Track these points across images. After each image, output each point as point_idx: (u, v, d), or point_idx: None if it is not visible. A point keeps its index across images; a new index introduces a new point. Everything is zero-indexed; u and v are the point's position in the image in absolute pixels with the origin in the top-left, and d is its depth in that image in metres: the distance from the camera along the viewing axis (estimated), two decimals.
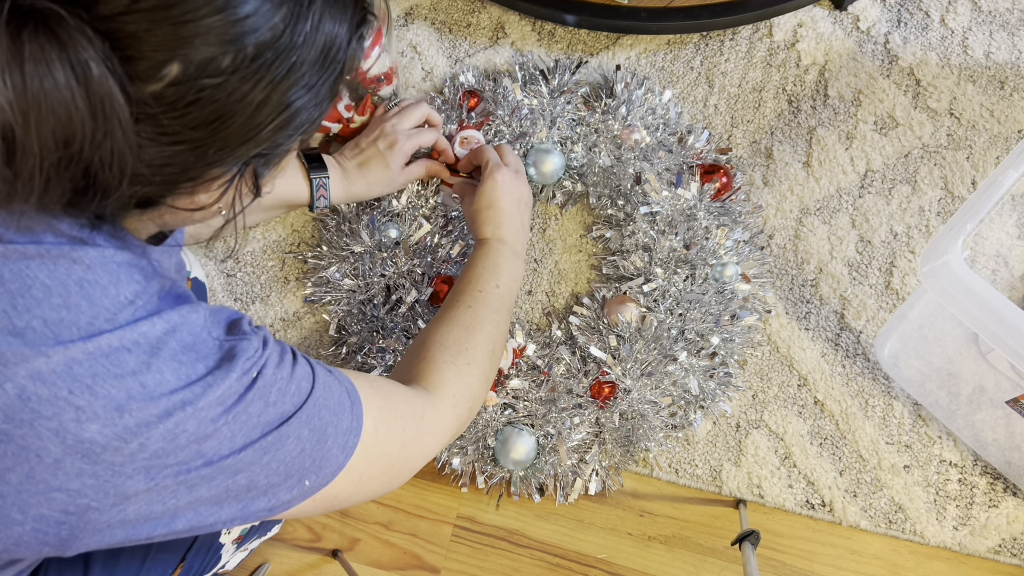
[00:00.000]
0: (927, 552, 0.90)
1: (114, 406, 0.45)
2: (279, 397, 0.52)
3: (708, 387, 0.92)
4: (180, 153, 0.45)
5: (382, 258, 0.96)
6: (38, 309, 0.45)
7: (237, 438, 0.49)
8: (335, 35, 0.49)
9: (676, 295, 0.92)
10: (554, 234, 1.01)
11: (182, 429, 0.47)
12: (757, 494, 0.92)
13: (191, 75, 0.43)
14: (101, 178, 0.43)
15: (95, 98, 0.40)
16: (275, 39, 0.45)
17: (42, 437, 0.44)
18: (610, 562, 0.92)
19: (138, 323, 0.47)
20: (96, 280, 0.47)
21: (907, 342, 0.90)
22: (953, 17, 1.06)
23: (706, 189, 0.96)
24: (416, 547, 0.93)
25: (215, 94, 0.44)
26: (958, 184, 1.00)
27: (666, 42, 1.07)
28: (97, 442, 0.45)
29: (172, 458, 0.47)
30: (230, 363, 0.49)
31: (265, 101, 0.46)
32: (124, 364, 0.46)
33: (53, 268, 0.46)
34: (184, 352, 0.48)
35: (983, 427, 0.88)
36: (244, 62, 0.44)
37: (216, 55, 0.43)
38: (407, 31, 1.09)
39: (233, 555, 0.81)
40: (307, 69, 0.48)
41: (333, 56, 0.49)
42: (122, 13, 0.40)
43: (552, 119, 1.00)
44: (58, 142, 0.41)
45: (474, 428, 0.91)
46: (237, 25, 0.43)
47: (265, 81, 0.46)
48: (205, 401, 0.48)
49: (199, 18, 0.42)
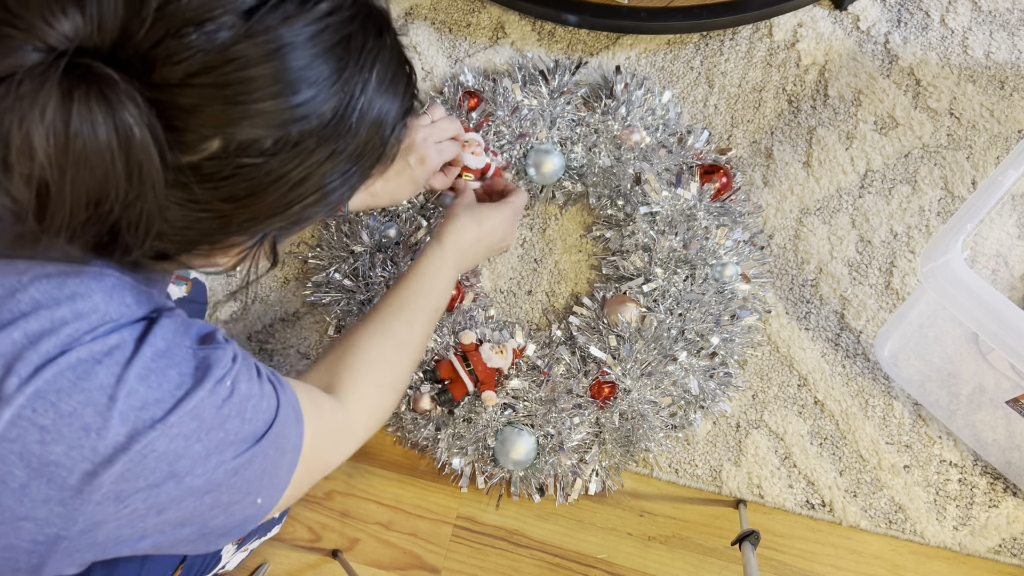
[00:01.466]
0: (927, 552, 0.90)
1: (80, 424, 0.43)
2: (254, 414, 0.51)
3: (708, 387, 0.92)
4: (205, 220, 0.45)
5: (382, 258, 0.96)
6: (23, 322, 0.44)
7: (211, 458, 0.48)
8: (380, 123, 0.49)
9: (676, 295, 0.92)
10: (554, 234, 1.01)
11: (152, 449, 0.45)
12: (757, 494, 0.92)
13: (231, 152, 0.43)
14: (125, 236, 0.43)
15: (134, 162, 0.40)
16: (321, 127, 0.45)
17: (6, 461, 0.43)
18: (610, 562, 0.92)
19: (109, 335, 0.46)
20: (89, 296, 0.46)
21: (907, 342, 0.90)
22: (953, 17, 1.06)
23: (706, 189, 0.96)
24: (416, 547, 0.93)
25: (252, 172, 0.44)
26: (958, 184, 1.00)
27: (666, 42, 1.07)
28: (63, 464, 0.43)
29: (142, 480, 0.45)
30: (204, 373, 0.48)
31: (300, 183, 0.46)
32: (92, 377, 0.44)
33: (46, 283, 0.45)
34: (156, 359, 0.47)
35: (983, 427, 0.88)
36: (286, 146, 0.44)
37: (260, 137, 0.43)
38: (407, 31, 1.09)
39: (233, 555, 0.81)
40: (347, 155, 0.48)
41: (376, 144, 0.49)
42: (178, 85, 0.41)
43: (552, 119, 1.00)
44: (90, 201, 0.41)
45: (474, 428, 0.91)
46: (288, 111, 0.43)
47: (304, 165, 0.46)
48: (176, 416, 0.46)
49: (253, 101, 0.42)
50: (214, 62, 0.41)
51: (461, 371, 0.90)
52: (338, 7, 0.45)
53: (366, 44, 0.47)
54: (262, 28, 0.42)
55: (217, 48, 0.41)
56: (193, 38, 0.40)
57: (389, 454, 0.96)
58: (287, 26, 0.43)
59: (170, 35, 0.40)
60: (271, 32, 0.42)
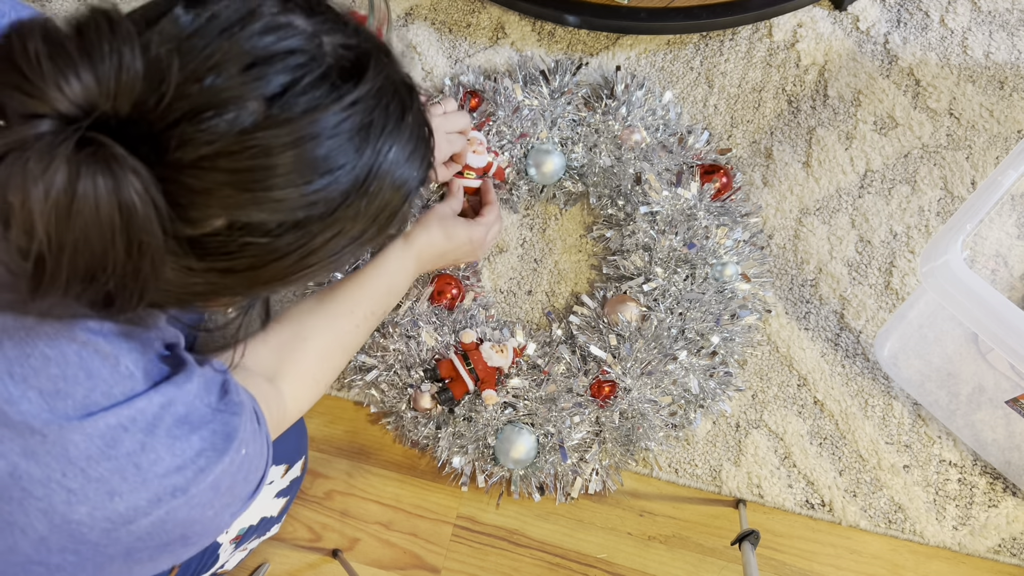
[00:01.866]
0: (927, 552, 0.90)
1: (106, 490, 0.44)
2: (255, 475, 0.52)
3: (708, 386, 0.92)
4: (201, 285, 0.45)
5: None
6: (35, 379, 0.44)
7: (217, 519, 0.50)
8: (391, 199, 0.48)
9: (676, 294, 0.92)
10: (554, 234, 1.01)
11: (172, 516, 0.46)
12: (757, 494, 0.92)
13: (235, 230, 0.42)
14: (118, 299, 0.42)
15: (134, 239, 0.39)
16: (331, 211, 0.44)
17: (29, 514, 0.44)
18: (610, 562, 0.92)
19: (135, 400, 0.46)
20: (96, 350, 0.46)
21: (907, 342, 0.90)
22: (953, 17, 1.06)
23: (706, 189, 0.96)
24: (416, 547, 0.93)
25: (254, 251, 0.43)
26: (958, 184, 1.00)
27: (666, 42, 1.07)
28: (84, 523, 0.44)
29: (157, 540, 0.47)
30: (226, 443, 0.49)
31: (302, 259, 0.46)
32: (120, 445, 0.45)
33: (53, 337, 0.44)
34: (178, 425, 0.47)
35: (983, 427, 0.88)
36: (293, 227, 0.43)
37: (266, 220, 0.42)
38: (407, 31, 1.09)
39: (232, 555, 0.81)
40: (355, 232, 0.47)
41: (385, 217, 0.48)
42: (192, 167, 0.39)
43: (553, 119, 1.00)
44: (87, 275, 0.40)
45: (475, 427, 0.91)
46: (301, 199, 0.42)
47: (309, 244, 0.45)
48: (198, 488, 0.47)
49: (266, 188, 0.41)
50: (231, 148, 0.40)
51: (462, 370, 0.91)
52: (366, 94, 0.44)
53: (387, 127, 0.46)
54: (285, 117, 0.41)
55: (236, 134, 0.40)
56: (212, 123, 0.39)
57: (389, 453, 0.96)
58: (312, 115, 0.42)
59: (188, 117, 0.39)
60: (294, 121, 0.41)
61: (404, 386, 0.93)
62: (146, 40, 0.40)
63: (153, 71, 0.39)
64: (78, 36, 0.38)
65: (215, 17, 0.41)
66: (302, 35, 0.43)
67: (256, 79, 0.40)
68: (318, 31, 0.44)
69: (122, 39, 0.38)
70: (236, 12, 0.42)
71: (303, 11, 0.44)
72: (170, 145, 0.39)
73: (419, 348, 0.92)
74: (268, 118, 0.40)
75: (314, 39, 0.43)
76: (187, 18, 0.41)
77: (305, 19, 0.44)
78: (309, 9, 0.45)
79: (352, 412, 0.97)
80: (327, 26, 0.45)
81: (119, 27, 0.38)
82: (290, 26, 0.43)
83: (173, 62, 0.39)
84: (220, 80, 0.40)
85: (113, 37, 0.38)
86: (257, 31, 0.41)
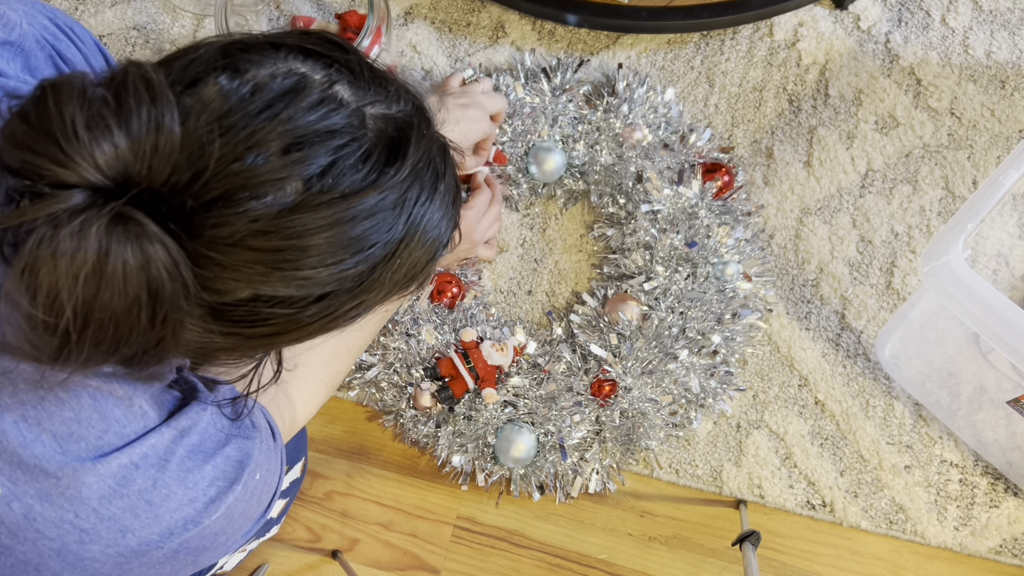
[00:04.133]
0: (928, 552, 0.90)
1: (118, 528, 0.44)
2: (267, 496, 0.52)
3: (709, 386, 0.92)
4: (219, 344, 0.44)
5: None
6: (48, 422, 0.43)
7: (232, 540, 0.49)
8: (416, 263, 0.47)
9: (677, 293, 0.92)
10: (554, 234, 1.01)
11: (185, 547, 0.46)
12: (758, 494, 0.92)
13: (261, 302, 0.41)
14: (137, 363, 0.42)
15: (159, 312, 0.38)
16: (357, 286, 0.44)
17: (43, 555, 0.44)
18: (610, 562, 0.91)
19: (147, 436, 0.45)
20: (110, 393, 0.45)
21: (908, 342, 0.90)
22: (954, 16, 1.06)
23: (708, 187, 0.96)
24: (416, 547, 0.93)
25: (277, 321, 0.43)
26: (959, 184, 1.00)
27: (666, 41, 1.07)
28: (97, 559, 0.44)
29: (168, 568, 0.47)
30: (238, 472, 0.48)
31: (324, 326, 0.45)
32: (132, 483, 0.45)
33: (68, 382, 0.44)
34: (191, 457, 0.47)
35: (984, 427, 0.88)
36: (317, 300, 0.43)
37: (293, 295, 0.41)
38: (407, 31, 1.09)
39: (231, 556, 0.81)
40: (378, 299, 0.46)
41: (408, 278, 0.48)
42: (223, 244, 0.38)
43: (553, 117, 1.00)
44: (110, 347, 0.39)
45: (475, 426, 0.91)
46: (331, 277, 0.41)
47: (332, 315, 0.44)
48: (210, 519, 0.47)
49: (300, 268, 0.40)
50: (266, 229, 0.38)
51: (462, 368, 0.90)
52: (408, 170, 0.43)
53: (421, 198, 0.44)
54: (324, 200, 0.39)
55: (272, 216, 0.38)
56: (250, 205, 0.38)
57: (388, 454, 0.96)
58: (350, 200, 0.40)
59: (225, 198, 0.37)
60: (332, 205, 0.40)
61: (404, 384, 0.93)
62: (186, 107, 0.38)
63: (192, 144, 0.37)
64: (116, 100, 0.36)
65: (259, 89, 0.39)
66: (345, 110, 0.41)
67: (298, 162, 0.39)
68: (361, 103, 0.42)
69: (161, 105, 0.37)
70: (281, 86, 0.40)
71: (347, 78, 0.43)
72: (205, 225, 0.38)
73: (419, 346, 0.92)
74: (306, 200, 0.39)
75: (357, 114, 0.42)
76: (230, 87, 0.39)
77: (350, 91, 0.42)
78: (352, 73, 0.43)
79: (351, 412, 0.97)
80: (370, 96, 0.43)
81: (159, 92, 0.37)
82: (335, 100, 0.41)
83: (214, 139, 0.37)
84: (261, 160, 0.38)
85: (152, 103, 0.36)
86: (303, 109, 0.40)
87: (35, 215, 0.35)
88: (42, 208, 0.35)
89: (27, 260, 0.35)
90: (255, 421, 0.52)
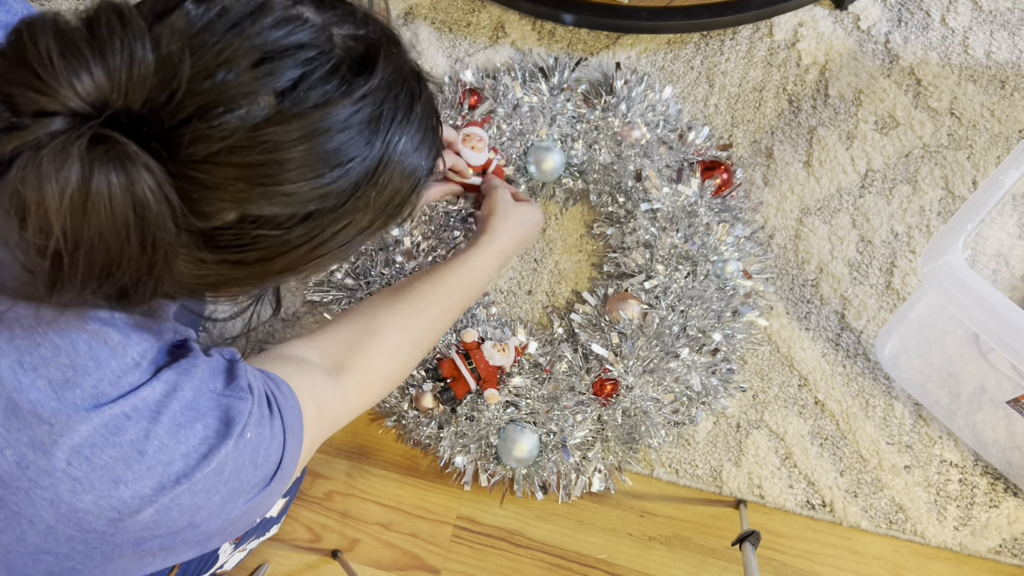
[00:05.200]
0: (928, 552, 0.90)
1: (111, 478, 0.44)
2: (265, 459, 0.51)
3: (710, 384, 0.92)
4: (212, 277, 0.45)
5: (384, 257, 0.96)
6: (44, 368, 0.44)
7: (226, 506, 0.49)
8: (401, 188, 0.48)
9: (677, 292, 0.92)
10: (554, 234, 1.01)
11: (177, 503, 0.46)
12: (757, 494, 0.92)
13: (247, 223, 0.42)
14: (132, 293, 0.43)
15: (148, 235, 0.39)
16: (342, 203, 0.45)
17: (36, 505, 0.44)
18: (610, 562, 0.91)
19: (140, 389, 0.46)
20: (106, 340, 0.46)
21: (908, 342, 0.90)
22: (954, 16, 1.06)
23: (707, 185, 0.96)
24: (416, 547, 0.93)
25: (265, 243, 0.44)
26: (959, 184, 1.00)
27: (666, 41, 1.07)
28: (91, 512, 0.44)
29: (163, 529, 0.47)
30: (228, 428, 0.48)
31: (314, 250, 0.46)
32: (124, 433, 0.45)
33: (64, 327, 0.45)
34: (184, 412, 0.47)
35: (984, 427, 0.88)
36: (302, 220, 0.44)
37: (278, 213, 0.42)
38: (407, 31, 1.09)
39: (231, 555, 0.81)
40: (366, 222, 0.47)
41: (394, 206, 0.49)
42: (203, 163, 0.40)
43: (552, 116, 1.00)
44: (103, 271, 0.40)
45: (477, 426, 0.91)
46: (312, 192, 0.43)
47: (319, 236, 0.45)
48: (201, 473, 0.47)
49: (280, 183, 0.41)
50: (242, 143, 0.40)
51: (463, 369, 0.90)
52: (376, 87, 0.44)
53: (396, 117, 0.46)
54: (296, 112, 0.41)
55: (247, 129, 0.40)
56: (224, 119, 0.39)
57: (389, 454, 0.96)
58: (323, 110, 0.42)
59: (200, 114, 0.39)
60: (305, 116, 0.41)
61: (406, 386, 0.93)
62: (157, 35, 0.39)
63: (165, 67, 0.39)
64: (89, 32, 0.38)
65: (225, 11, 0.41)
66: (312, 28, 0.43)
67: (267, 74, 0.40)
68: (328, 23, 0.44)
69: (133, 34, 0.38)
70: (246, 6, 0.42)
71: (313, 2, 0.44)
72: (182, 142, 0.39)
73: None
74: (279, 113, 0.41)
75: (324, 31, 0.43)
76: (197, 12, 0.41)
77: (315, 10, 0.44)
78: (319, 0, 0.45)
79: None
80: (337, 17, 0.45)
81: (130, 22, 0.38)
82: (300, 19, 0.43)
83: (185, 58, 0.39)
84: (231, 76, 0.40)
85: (124, 32, 0.38)
86: (268, 25, 0.41)
87: (17, 143, 0.36)
88: (24, 136, 0.36)
89: (13, 185, 0.36)
90: (252, 385, 0.52)
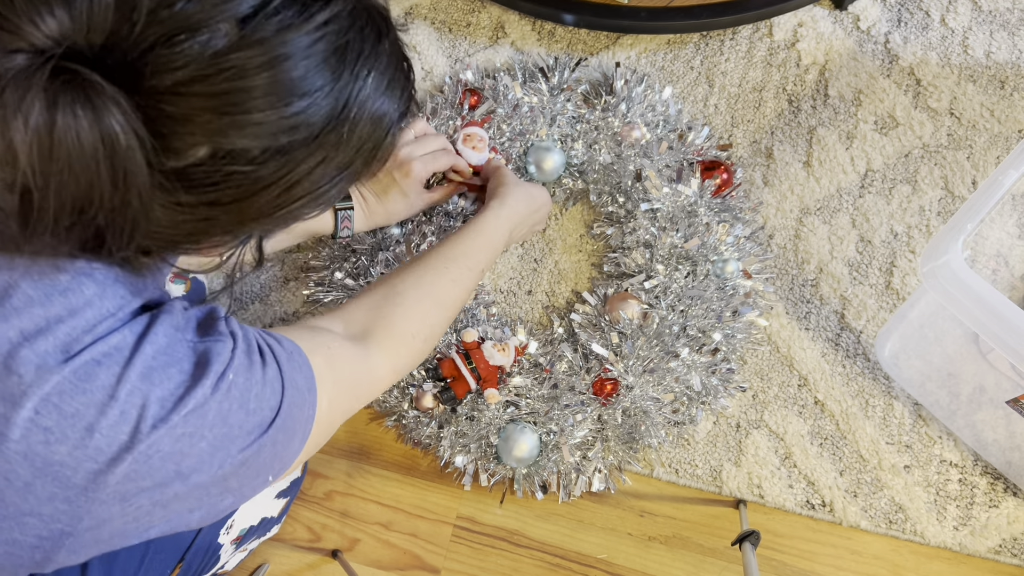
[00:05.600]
0: (927, 552, 0.90)
1: (83, 425, 0.43)
2: (258, 404, 0.50)
3: (710, 383, 0.92)
4: (190, 222, 0.44)
5: (383, 257, 0.96)
6: (16, 319, 0.43)
7: (217, 454, 0.48)
8: (374, 129, 0.48)
9: (677, 291, 0.92)
10: (554, 234, 1.01)
11: (157, 449, 0.45)
12: (757, 494, 0.92)
13: (219, 159, 0.42)
14: (109, 239, 0.42)
15: (119, 169, 0.39)
16: (313, 136, 0.44)
17: (10, 460, 0.43)
18: (610, 562, 0.91)
19: (111, 335, 0.45)
20: (82, 290, 0.45)
21: (907, 342, 0.90)
22: (953, 17, 1.06)
23: (707, 185, 0.96)
24: (416, 547, 0.93)
25: (239, 180, 0.43)
26: (958, 184, 1.00)
27: (666, 42, 1.07)
28: (68, 464, 0.43)
29: (148, 480, 0.45)
30: (204, 369, 0.47)
31: (288, 189, 0.45)
32: (95, 379, 0.44)
33: (38, 277, 0.44)
34: (157, 356, 0.46)
35: (983, 427, 0.88)
36: (276, 154, 0.43)
37: (248, 146, 0.42)
38: (407, 31, 1.09)
39: (232, 555, 0.81)
40: (339, 162, 0.47)
41: (368, 149, 0.48)
42: (167, 93, 0.39)
43: (552, 117, 1.00)
44: (75, 208, 0.40)
45: (477, 426, 0.91)
46: (281, 122, 0.42)
47: (293, 173, 0.45)
48: (179, 416, 0.46)
49: (245, 112, 0.41)
50: (206, 71, 0.40)
51: (463, 369, 0.90)
52: (337, 15, 0.44)
53: (363, 51, 0.46)
54: (258, 37, 0.41)
55: (210, 57, 0.40)
56: (186, 46, 0.39)
57: (389, 454, 0.96)
58: (284, 36, 0.42)
59: (161, 42, 0.39)
60: (267, 42, 0.41)
61: (406, 386, 0.93)
62: None
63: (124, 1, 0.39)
64: None
65: None
66: None
67: (227, 1, 0.40)
68: None
69: None
70: None
71: None
72: (145, 72, 0.39)
73: None
74: (241, 39, 0.40)
75: None
76: None
77: None
78: None
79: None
80: None
81: None
82: None
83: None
84: (191, 4, 0.39)
85: None
86: None
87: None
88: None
89: None
90: (235, 333, 0.51)
